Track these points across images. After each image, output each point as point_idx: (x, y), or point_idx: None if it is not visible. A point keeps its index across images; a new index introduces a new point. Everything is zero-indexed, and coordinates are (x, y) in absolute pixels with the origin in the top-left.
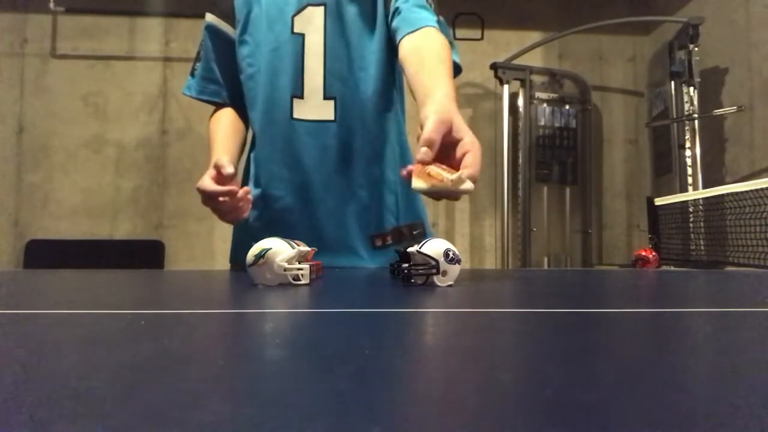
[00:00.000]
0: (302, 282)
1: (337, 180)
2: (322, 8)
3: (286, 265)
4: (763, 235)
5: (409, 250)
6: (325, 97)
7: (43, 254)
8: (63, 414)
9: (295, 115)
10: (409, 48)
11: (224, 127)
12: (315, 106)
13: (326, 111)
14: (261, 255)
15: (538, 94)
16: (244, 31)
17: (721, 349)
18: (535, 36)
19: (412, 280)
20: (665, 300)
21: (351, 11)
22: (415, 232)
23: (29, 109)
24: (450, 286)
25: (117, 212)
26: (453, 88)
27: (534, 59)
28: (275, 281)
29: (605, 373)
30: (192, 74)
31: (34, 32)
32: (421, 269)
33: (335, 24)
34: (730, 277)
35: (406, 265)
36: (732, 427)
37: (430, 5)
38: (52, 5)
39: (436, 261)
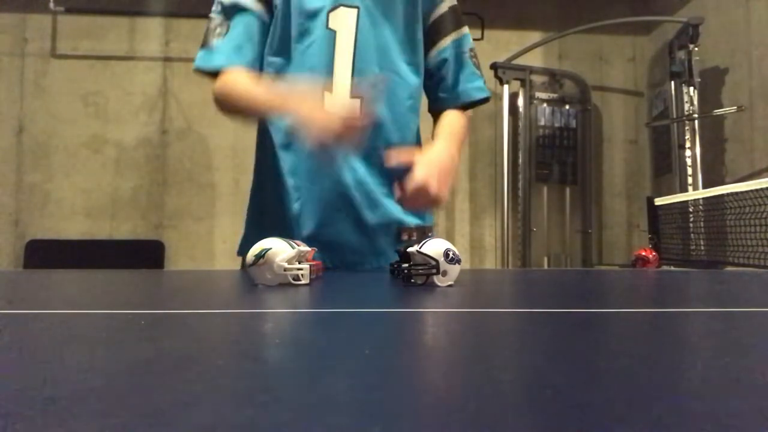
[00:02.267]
0: (302, 282)
1: (363, 182)
2: (355, 11)
3: (286, 265)
4: (763, 235)
5: (409, 250)
6: (351, 96)
7: (43, 254)
8: (63, 414)
9: (327, 108)
10: (444, 120)
11: (255, 81)
12: (341, 104)
13: (352, 109)
14: (261, 255)
15: (538, 94)
16: (276, 21)
17: (721, 349)
18: (535, 36)
19: (412, 280)
20: (665, 300)
21: (386, 17)
22: (430, 234)
23: (29, 109)
24: (450, 286)
25: (117, 212)
26: (450, 148)
27: (534, 59)
28: (275, 281)
29: (605, 373)
30: (207, 46)
31: (34, 32)
32: (421, 269)
33: (368, 27)
34: (730, 277)
35: (406, 265)
36: (732, 426)
37: (477, 64)
38: (52, 5)
39: (436, 261)
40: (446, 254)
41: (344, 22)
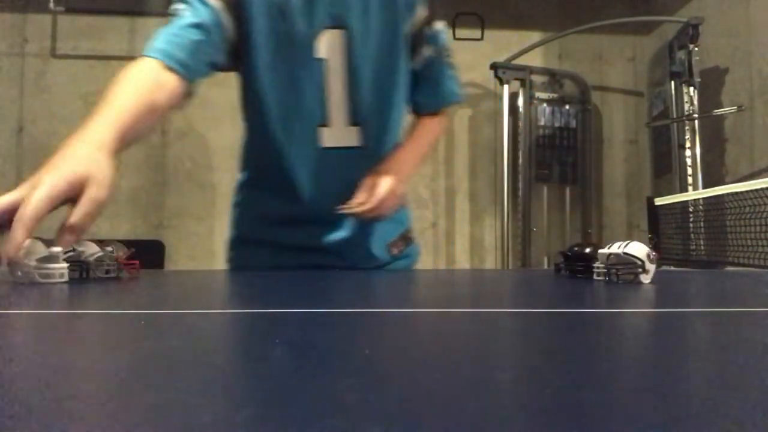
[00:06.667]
0: (57, 281)
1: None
2: (342, 32)
3: (34, 263)
4: (763, 235)
5: (610, 251)
6: (349, 124)
7: None
8: (63, 414)
9: (326, 144)
10: (421, 124)
11: (143, 85)
12: (340, 133)
13: (351, 137)
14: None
15: (538, 94)
16: (251, 48)
17: (721, 349)
18: (535, 36)
19: (619, 281)
20: (665, 300)
21: (374, 35)
22: (410, 236)
23: (29, 109)
24: (639, 283)
25: (117, 212)
26: (414, 160)
27: (534, 59)
28: (26, 279)
29: (605, 373)
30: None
31: (34, 32)
32: (625, 269)
33: (357, 48)
34: (730, 277)
35: (600, 264)
36: (732, 427)
37: (450, 57)
38: (52, 5)
39: (642, 261)
40: (648, 255)
41: (333, 46)
